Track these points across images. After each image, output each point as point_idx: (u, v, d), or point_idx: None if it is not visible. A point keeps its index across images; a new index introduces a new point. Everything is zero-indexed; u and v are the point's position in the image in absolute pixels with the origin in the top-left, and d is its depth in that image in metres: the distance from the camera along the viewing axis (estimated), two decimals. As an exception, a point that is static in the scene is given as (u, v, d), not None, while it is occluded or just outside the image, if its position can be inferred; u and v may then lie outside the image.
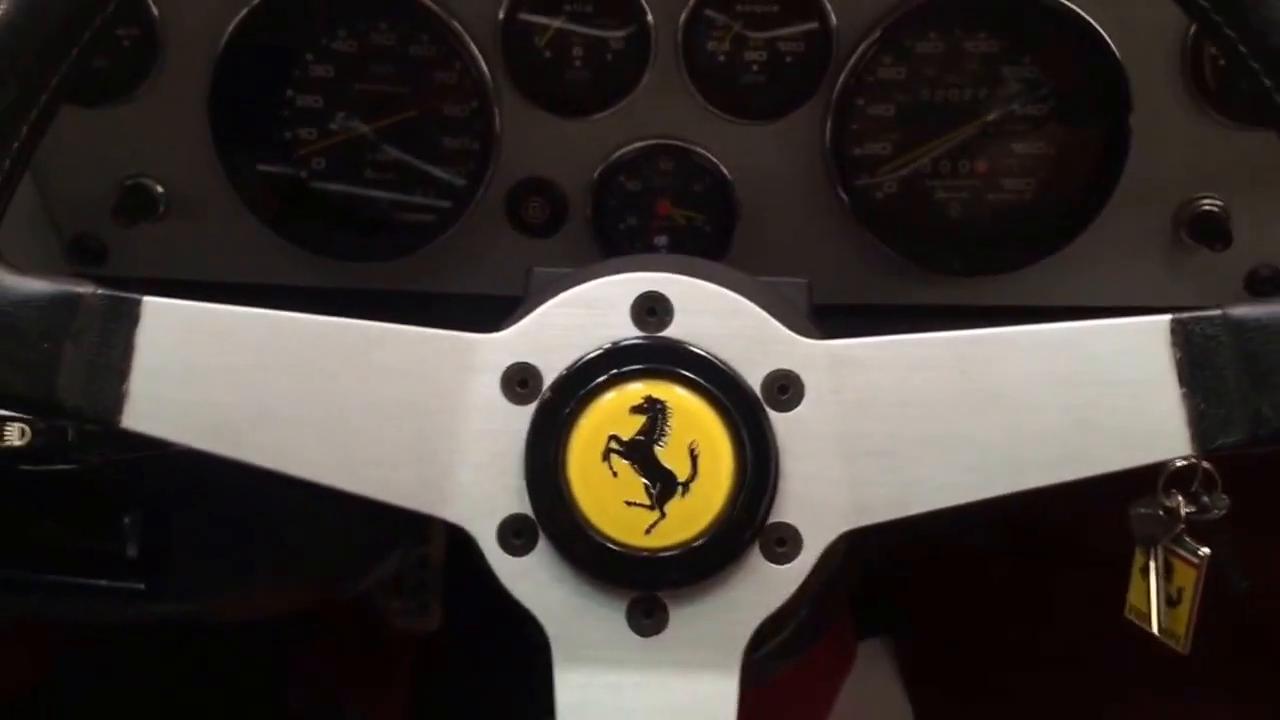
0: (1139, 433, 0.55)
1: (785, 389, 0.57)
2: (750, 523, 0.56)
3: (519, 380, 0.58)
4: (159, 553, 0.96)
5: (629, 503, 0.56)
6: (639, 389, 0.56)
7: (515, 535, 0.58)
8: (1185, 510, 0.77)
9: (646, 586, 0.57)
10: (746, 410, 0.56)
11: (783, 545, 0.57)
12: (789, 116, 0.91)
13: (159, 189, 0.95)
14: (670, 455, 0.56)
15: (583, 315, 0.58)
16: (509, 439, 0.57)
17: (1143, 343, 0.55)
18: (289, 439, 0.57)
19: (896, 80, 0.92)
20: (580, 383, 0.57)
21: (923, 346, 0.56)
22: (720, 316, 0.58)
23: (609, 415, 0.56)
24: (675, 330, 0.57)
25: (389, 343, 0.58)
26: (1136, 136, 0.89)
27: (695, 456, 0.56)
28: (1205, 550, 0.78)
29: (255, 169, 0.95)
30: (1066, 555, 1.42)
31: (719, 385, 0.56)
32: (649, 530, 0.56)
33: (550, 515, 0.57)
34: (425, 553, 1.45)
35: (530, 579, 0.58)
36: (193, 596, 1.00)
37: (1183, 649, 0.79)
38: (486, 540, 0.58)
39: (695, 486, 0.56)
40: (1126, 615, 0.82)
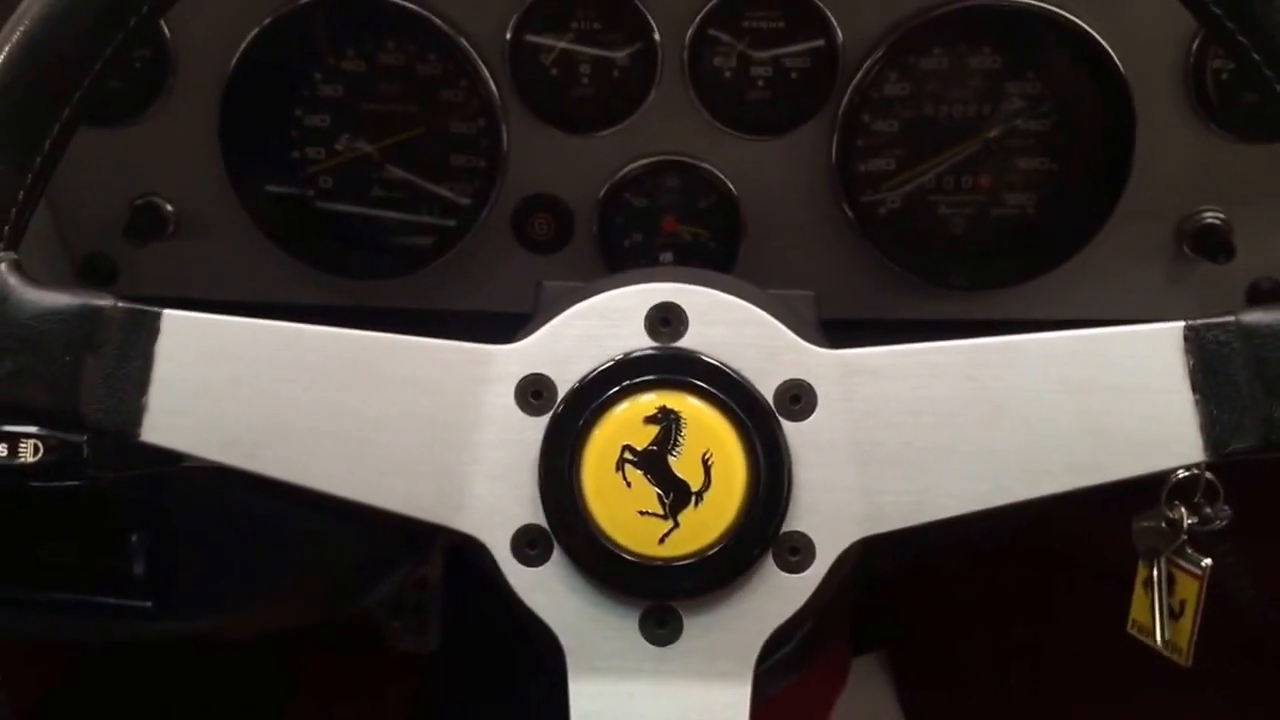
0: (1151, 439, 0.55)
1: (798, 398, 0.57)
2: (763, 532, 0.56)
3: (533, 391, 0.58)
4: (165, 571, 0.96)
5: (643, 512, 0.56)
6: (653, 399, 0.57)
7: (529, 546, 0.58)
8: (1188, 521, 0.78)
9: (660, 596, 0.57)
10: (760, 420, 0.57)
11: (796, 554, 0.57)
12: (794, 132, 0.92)
13: (169, 208, 0.96)
14: (684, 465, 0.56)
15: (597, 326, 0.58)
16: (523, 450, 0.57)
17: (1155, 349, 0.55)
18: (305, 451, 0.57)
19: (901, 96, 0.92)
20: (594, 393, 0.57)
21: (934, 355, 0.57)
22: (733, 327, 0.58)
23: (623, 425, 0.57)
24: (689, 341, 0.58)
25: (405, 354, 0.58)
26: (1139, 151, 0.90)
27: (709, 466, 0.56)
28: (1207, 561, 0.78)
29: (264, 188, 0.95)
30: (1067, 569, 1.41)
31: (732, 395, 0.57)
32: (662, 540, 0.56)
33: (564, 525, 0.57)
34: (424, 574, 1.45)
35: (544, 589, 0.58)
36: (199, 615, 1.00)
37: (1185, 662, 0.79)
38: (500, 551, 0.58)
39: (709, 496, 0.56)
40: (1129, 631, 0.82)
